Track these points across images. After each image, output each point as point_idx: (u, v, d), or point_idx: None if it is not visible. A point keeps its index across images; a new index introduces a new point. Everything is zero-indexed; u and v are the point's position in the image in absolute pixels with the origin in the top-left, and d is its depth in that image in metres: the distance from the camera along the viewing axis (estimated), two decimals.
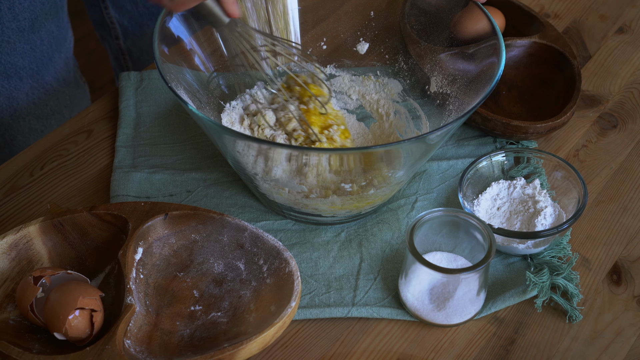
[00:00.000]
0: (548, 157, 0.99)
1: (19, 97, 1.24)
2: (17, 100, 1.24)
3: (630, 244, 0.98)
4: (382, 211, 1.00)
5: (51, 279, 0.85)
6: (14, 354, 0.80)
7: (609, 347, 0.89)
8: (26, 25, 1.17)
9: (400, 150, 0.88)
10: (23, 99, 1.24)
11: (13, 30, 1.16)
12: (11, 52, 1.18)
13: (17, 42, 1.17)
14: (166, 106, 1.11)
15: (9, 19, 1.14)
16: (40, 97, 1.27)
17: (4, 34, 1.15)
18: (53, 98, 1.29)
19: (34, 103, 1.26)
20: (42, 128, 1.29)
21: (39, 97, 1.26)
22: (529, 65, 1.12)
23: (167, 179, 1.03)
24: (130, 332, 0.83)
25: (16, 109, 1.25)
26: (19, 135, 1.28)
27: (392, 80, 1.07)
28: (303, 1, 1.06)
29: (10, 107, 1.24)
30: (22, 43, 1.18)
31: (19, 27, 1.16)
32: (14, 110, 1.24)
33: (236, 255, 0.91)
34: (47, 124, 1.30)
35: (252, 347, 0.81)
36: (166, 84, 0.88)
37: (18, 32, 1.16)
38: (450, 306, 0.89)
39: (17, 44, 1.18)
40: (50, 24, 1.22)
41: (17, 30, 1.16)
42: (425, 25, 1.04)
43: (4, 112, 1.23)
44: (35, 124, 1.28)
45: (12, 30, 1.16)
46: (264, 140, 0.87)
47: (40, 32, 1.20)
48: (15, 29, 1.16)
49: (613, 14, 1.26)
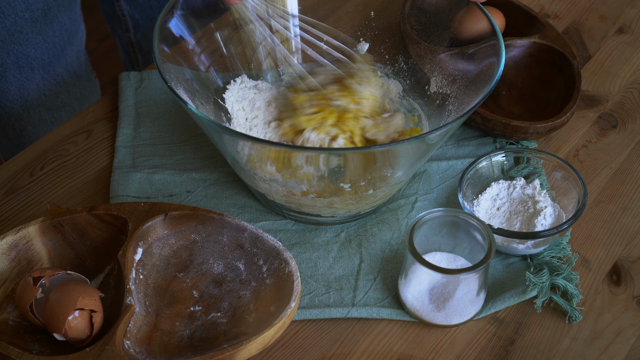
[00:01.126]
0: (548, 157, 0.99)
1: (30, 88, 1.25)
2: (28, 91, 1.25)
3: (630, 244, 0.98)
4: (382, 211, 1.00)
5: (51, 279, 0.85)
6: (14, 355, 0.80)
7: (608, 348, 0.89)
8: (39, 16, 1.18)
9: (399, 150, 0.88)
10: (34, 90, 1.25)
11: (26, 21, 1.17)
12: (24, 43, 1.19)
13: (29, 32, 1.18)
14: (166, 106, 1.11)
15: (22, 9, 1.15)
16: (51, 89, 1.28)
17: (17, 24, 1.16)
18: (64, 90, 1.30)
19: (45, 94, 1.27)
20: (52, 120, 1.30)
21: (49, 89, 1.28)
22: (529, 66, 1.12)
23: (167, 179, 1.03)
24: (129, 333, 0.83)
25: (27, 100, 1.26)
26: (29, 126, 1.29)
27: (392, 80, 1.07)
28: (303, 1, 1.06)
29: (21, 98, 1.25)
30: (34, 34, 1.19)
31: (32, 18, 1.17)
32: (25, 101, 1.26)
33: (236, 255, 0.91)
34: (57, 116, 1.31)
35: (252, 348, 0.81)
36: (166, 84, 0.88)
37: (31, 22, 1.17)
38: (450, 306, 0.89)
39: (30, 34, 1.19)
40: (63, 16, 1.23)
41: (30, 21, 1.17)
42: (425, 26, 1.04)
43: (15, 103, 1.24)
44: (45, 116, 1.30)
45: (25, 20, 1.17)
46: (263, 140, 0.87)
47: (53, 24, 1.21)
48: (29, 19, 1.17)
49: (613, 14, 1.26)
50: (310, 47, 0.99)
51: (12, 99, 1.24)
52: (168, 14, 0.95)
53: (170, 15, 0.96)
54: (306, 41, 1.00)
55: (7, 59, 1.21)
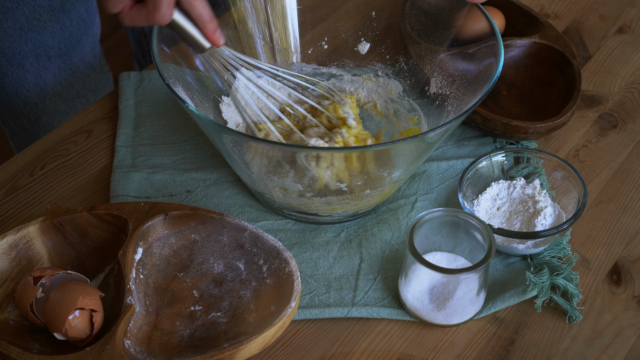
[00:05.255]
0: (548, 157, 0.99)
1: (47, 77, 1.27)
2: (45, 80, 1.27)
3: (630, 244, 0.98)
4: (382, 211, 1.00)
5: (51, 279, 0.85)
6: (14, 354, 0.80)
7: (609, 347, 0.89)
8: (57, 5, 1.19)
9: (398, 150, 0.88)
10: (50, 79, 1.27)
11: (44, 9, 1.18)
12: (41, 31, 1.20)
13: (47, 21, 1.20)
14: (166, 106, 1.11)
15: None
16: (67, 79, 1.30)
17: (36, 12, 1.17)
18: (79, 81, 1.32)
19: (61, 84, 1.29)
20: (67, 110, 1.32)
21: (65, 79, 1.29)
22: (529, 65, 1.12)
23: (167, 179, 1.03)
24: (130, 332, 0.83)
25: (43, 89, 1.28)
26: (44, 115, 1.31)
27: (392, 80, 1.07)
28: (303, 1, 1.06)
29: (37, 86, 1.27)
30: (52, 22, 1.21)
31: (50, 6, 1.19)
32: (41, 90, 1.28)
33: (236, 255, 0.91)
34: (73, 106, 1.32)
35: (252, 347, 0.81)
36: (165, 83, 0.88)
37: (49, 10, 1.19)
38: (450, 306, 0.89)
39: (48, 22, 1.20)
40: (79, 5, 1.24)
41: (49, 9, 1.19)
42: (426, 26, 1.04)
43: (32, 92, 1.26)
44: (61, 106, 1.32)
45: (44, 8, 1.18)
46: (263, 140, 0.87)
47: (70, 13, 1.23)
48: (47, 7, 1.18)
49: (613, 14, 1.26)
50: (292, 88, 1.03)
51: (28, 88, 1.26)
52: None
53: None
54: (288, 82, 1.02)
55: (25, 47, 1.22)
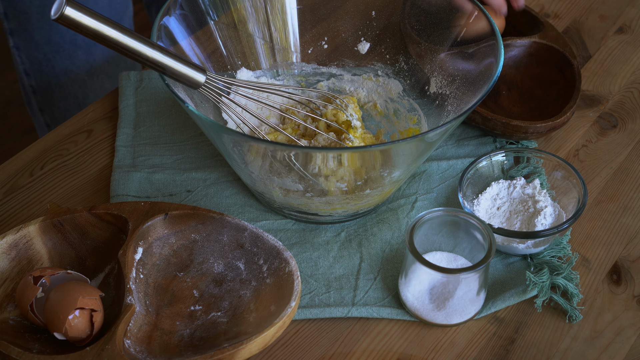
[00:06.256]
0: (548, 157, 0.99)
1: (96, 54, 1.30)
2: (94, 57, 1.30)
3: (630, 243, 0.98)
4: (382, 211, 1.00)
5: (51, 278, 0.85)
6: (14, 354, 0.80)
7: (609, 347, 0.89)
8: None
9: (398, 150, 0.88)
10: (99, 55, 1.30)
11: None
12: (94, 4, 1.22)
13: None
14: (166, 106, 1.11)
15: None
16: (114, 56, 1.32)
17: None
18: (123, 60, 1.34)
19: (108, 61, 1.32)
20: (112, 89, 1.33)
21: (112, 56, 1.32)
22: (529, 65, 1.12)
23: (167, 179, 1.03)
24: (130, 332, 0.83)
25: (92, 65, 1.30)
26: (91, 93, 1.34)
27: (392, 80, 1.07)
28: (303, 1, 1.06)
29: (87, 63, 1.30)
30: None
31: None
32: (91, 66, 1.30)
33: (236, 255, 0.91)
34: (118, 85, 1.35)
35: (252, 347, 0.81)
36: (165, 83, 0.88)
37: None
38: (450, 306, 0.89)
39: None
40: None
41: None
42: (426, 25, 1.04)
43: (82, 68, 1.29)
44: (107, 84, 1.34)
45: None
46: (263, 140, 0.87)
47: None
48: None
49: (613, 14, 1.26)
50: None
51: (79, 64, 1.29)
52: (167, 14, 0.95)
53: (169, 14, 0.96)
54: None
55: None
